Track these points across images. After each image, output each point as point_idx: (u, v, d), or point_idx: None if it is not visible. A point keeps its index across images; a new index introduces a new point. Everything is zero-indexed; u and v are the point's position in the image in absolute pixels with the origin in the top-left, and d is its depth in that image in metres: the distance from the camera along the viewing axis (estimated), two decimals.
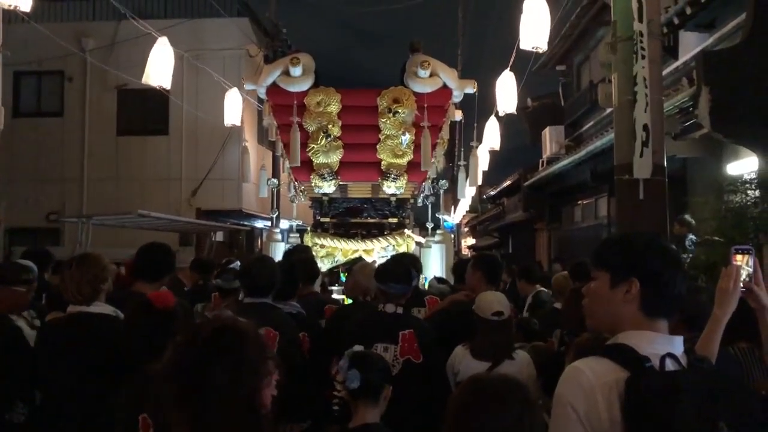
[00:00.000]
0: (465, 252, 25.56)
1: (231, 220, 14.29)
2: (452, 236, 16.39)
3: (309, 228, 7.27)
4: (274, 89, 6.43)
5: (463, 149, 12.84)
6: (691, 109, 6.51)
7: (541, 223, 16.47)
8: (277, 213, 8.37)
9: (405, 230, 7.04)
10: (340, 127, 6.44)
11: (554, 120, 15.73)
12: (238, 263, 4.88)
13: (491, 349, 3.21)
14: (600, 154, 9.84)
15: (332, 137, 6.43)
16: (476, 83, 6.69)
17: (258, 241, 16.07)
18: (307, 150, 6.46)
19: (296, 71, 6.23)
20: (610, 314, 1.62)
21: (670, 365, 1.49)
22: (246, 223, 15.12)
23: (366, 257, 6.21)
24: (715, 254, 4.97)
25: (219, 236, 14.29)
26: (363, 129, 6.52)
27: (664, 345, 1.54)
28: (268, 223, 10.56)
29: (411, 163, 6.59)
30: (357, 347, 2.57)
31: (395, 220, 7.00)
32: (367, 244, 6.78)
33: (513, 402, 1.61)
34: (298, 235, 7.22)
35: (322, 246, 6.83)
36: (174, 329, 2.16)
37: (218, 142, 13.34)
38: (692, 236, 6.42)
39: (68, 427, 2.64)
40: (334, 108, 6.37)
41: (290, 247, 5.68)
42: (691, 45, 8.25)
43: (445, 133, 6.83)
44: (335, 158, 6.55)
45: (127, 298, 2.85)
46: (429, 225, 7.60)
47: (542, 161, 15.08)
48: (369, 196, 7.01)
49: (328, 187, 6.78)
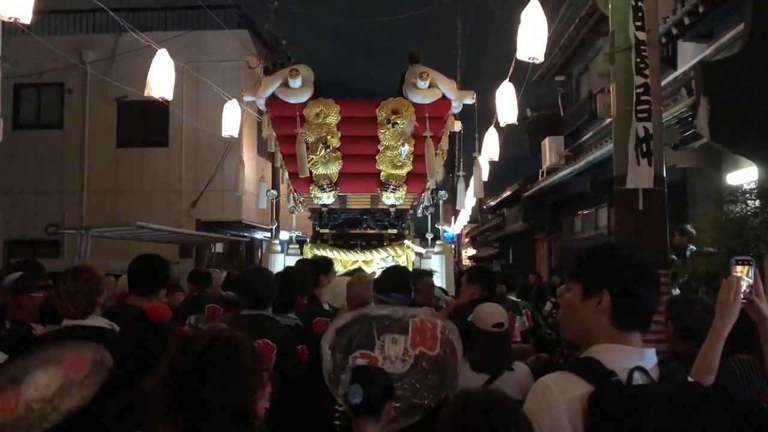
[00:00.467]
0: (465, 262, 25.58)
1: (231, 232, 14.29)
2: (452, 247, 16.40)
3: (308, 239, 7.24)
4: (274, 101, 6.43)
5: (463, 160, 12.86)
6: (691, 119, 6.51)
7: (541, 234, 16.48)
8: (277, 224, 8.34)
9: (405, 241, 7.02)
10: (339, 138, 6.43)
11: (554, 130, 15.79)
12: None
13: (491, 361, 3.19)
14: (599, 165, 9.86)
15: (331, 148, 6.42)
16: (475, 94, 6.70)
17: (258, 253, 16.06)
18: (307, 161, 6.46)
19: (295, 83, 6.23)
20: (583, 326, 1.61)
21: (639, 379, 1.47)
22: (246, 235, 15.12)
23: (365, 268, 6.19)
24: (716, 265, 4.95)
25: (219, 247, 14.29)
26: (362, 140, 6.52)
27: (634, 358, 1.52)
28: (268, 234, 10.53)
29: (410, 174, 6.58)
30: (359, 361, 2.55)
31: (395, 231, 6.97)
32: (367, 255, 6.75)
33: (499, 415, 1.60)
34: (298, 246, 7.19)
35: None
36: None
37: (218, 154, 13.35)
38: (693, 246, 6.40)
39: None
40: (333, 119, 6.37)
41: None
42: (690, 55, 8.27)
43: (445, 144, 6.83)
44: (334, 169, 6.54)
45: (122, 311, 2.83)
46: (429, 236, 7.57)
47: (542, 171, 15.10)
48: (368, 207, 6.98)
49: (328, 198, 6.76)
